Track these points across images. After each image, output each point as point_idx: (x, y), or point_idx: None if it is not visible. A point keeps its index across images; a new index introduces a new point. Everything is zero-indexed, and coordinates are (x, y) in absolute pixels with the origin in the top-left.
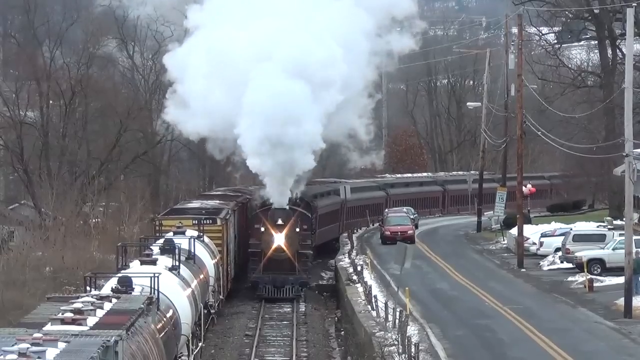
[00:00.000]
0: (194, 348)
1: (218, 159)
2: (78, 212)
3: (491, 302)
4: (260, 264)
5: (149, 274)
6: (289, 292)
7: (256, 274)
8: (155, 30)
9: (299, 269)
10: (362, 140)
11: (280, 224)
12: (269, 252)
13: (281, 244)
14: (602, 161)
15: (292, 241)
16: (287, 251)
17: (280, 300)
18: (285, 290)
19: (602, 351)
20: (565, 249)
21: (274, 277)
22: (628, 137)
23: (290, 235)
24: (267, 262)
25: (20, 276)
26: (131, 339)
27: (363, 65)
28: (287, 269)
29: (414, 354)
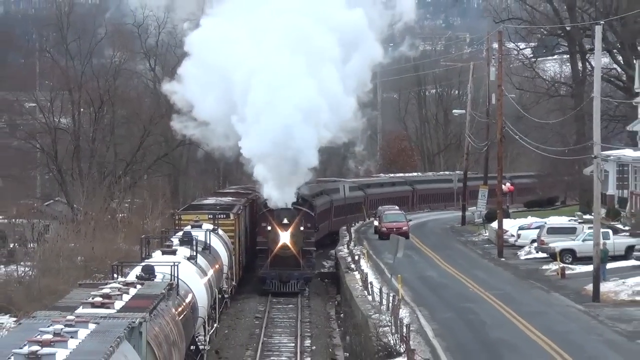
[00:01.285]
0: (210, 329)
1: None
2: (106, 207)
3: (474, 288)
4: (267, 261)
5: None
6: (294, 287)
7: (263, 270)
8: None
9: (304, 265)
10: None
11: (286, 223)
12: (275, 249)
13: (287, 242)
14: (573, 162)
15: (296, 239)
16: (292, 248)
17: (286, 294)
18: (290, 285)
19: (574, 331)
20: (540, 240)
21: (280, 273)
22: (596, 141)
23: (295, 233)
24: (274, 258)
25: (54, 265)
26: (154, 320)
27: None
28: (292, 265)
29: (405, 334)
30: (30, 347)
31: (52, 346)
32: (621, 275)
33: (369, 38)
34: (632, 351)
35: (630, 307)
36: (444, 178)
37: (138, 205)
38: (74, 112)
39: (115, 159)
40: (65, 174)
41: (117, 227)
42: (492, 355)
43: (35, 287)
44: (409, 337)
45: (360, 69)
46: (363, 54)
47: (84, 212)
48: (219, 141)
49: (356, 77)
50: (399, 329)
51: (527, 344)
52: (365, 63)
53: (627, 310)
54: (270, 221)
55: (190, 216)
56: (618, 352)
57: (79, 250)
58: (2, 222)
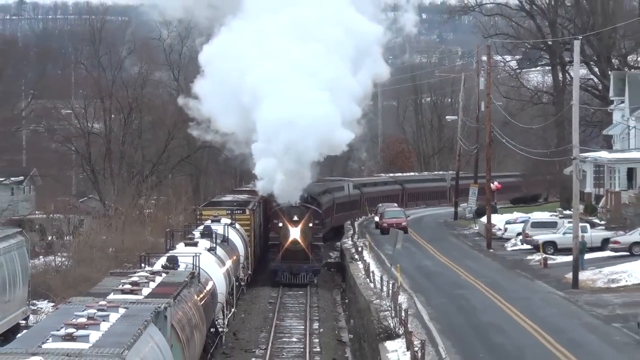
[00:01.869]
0: (228, 313)
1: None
2: (134, 204)
3: (466, 276)
4: (279, 254)
5: (192, 254)
6: (304, 279)
7: (275, 263)
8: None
9: (312, 259)
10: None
11: (296, 219)
12: (286, 244)
13: (297, 237)
14: (555, 163)
15: (306, 235)
16: (301, 243)
17: (296, 285)
18: (300, 277)
19: (555, 315)
20: (525, 233)
21: (290, 266)
22: (575, 144)
23: (304, 229)
24: (285, 252)
25: (88, 255)
26: (177, 305)
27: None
28: (301, 259)
29: (403, 317)
30: (66, 330)
31: (86, 328)
32: (598, 265)
33: (377, 54)
34: (608, 333)
35: (606, 294)
36: (431, 178)
37: (163, 202)
38: (105, 118)
39: (142, 160)
40: (98, 173)
41: (144, 222)
42: (481, 337)
43: (71, 275)
44: (407, 321)
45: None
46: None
47: (115, 208)
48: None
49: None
50: (398, 313)
51: (513, 326)
52: (370, 77)
53: (603, 296)
54: (281, 218)
55: (210, 212)
56: (595, 334)
57: (110, 242)
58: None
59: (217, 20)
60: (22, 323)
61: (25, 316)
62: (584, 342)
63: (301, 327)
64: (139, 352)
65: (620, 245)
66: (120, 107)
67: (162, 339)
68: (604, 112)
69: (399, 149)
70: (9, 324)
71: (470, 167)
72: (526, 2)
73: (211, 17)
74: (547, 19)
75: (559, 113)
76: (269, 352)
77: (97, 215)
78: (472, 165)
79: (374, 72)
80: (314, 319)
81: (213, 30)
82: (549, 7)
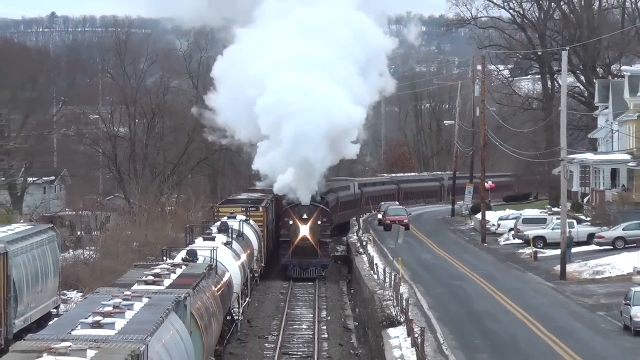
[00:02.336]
0: (243, 302)
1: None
2: (157, 201)
3: (462, 269)
4: (289, 250)
5: (210, 248)
6: (313, 273)
7: (286, 259)
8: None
9: (321, 254)
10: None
11: (305, 217)
12: (296, 241)
13: (306, 234)
14: (544, 164)
15: (314, 232)
16: (311, 240)
17: (306, 279)
18: (309, 271)
19: (544, 304)
20: (517, 229)
21: (300, 261)
22: (563, 147)
23: (313, 227)
24: (295, 248)
25: (114, 249)
26: (196, 295)
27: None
28: (311, 254)
29: (404, 306)
30: (94, 318)
31: (112, 317)
32: (584, 258)
33: (384, 66)
34: (593, 321)
35: (591, 285)
36: (425, 178)
37: (183, 199)
38: (130, 122)
39: (164, 162)
40: (123, 174)
41: (165, 218)
42: (476, 324)
43: (98, 267)
44: (407, 309)
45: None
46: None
47: (139, 206)
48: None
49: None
50: (400, 302)
51: (506, 315)
52: (376, 88)
53: (588, 287)
54: (291, 216)
55: (227, 209)
56: (581, 322)
57: (134, 237)
58: (71, 214)
59: (230, 31)
60: (54, 311)
61: (56, 305)
62: (571, 329)
63: (310, 315)
64: (161, 338)
65: (604, 240)
66: (143, 112)
67: (182, 326)
68: (589, 117)
69: (401, 151)
70: (41, 312)
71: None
72: (518, 15)
73: (224, 26)
74: (537, 31)
75: (547, 118)
76: (281, 338)
77: (122, 212)
78: (468, 166)
79: (380, 86)
80: (322, 308)
81: (227, 42)
82: (538, 20)
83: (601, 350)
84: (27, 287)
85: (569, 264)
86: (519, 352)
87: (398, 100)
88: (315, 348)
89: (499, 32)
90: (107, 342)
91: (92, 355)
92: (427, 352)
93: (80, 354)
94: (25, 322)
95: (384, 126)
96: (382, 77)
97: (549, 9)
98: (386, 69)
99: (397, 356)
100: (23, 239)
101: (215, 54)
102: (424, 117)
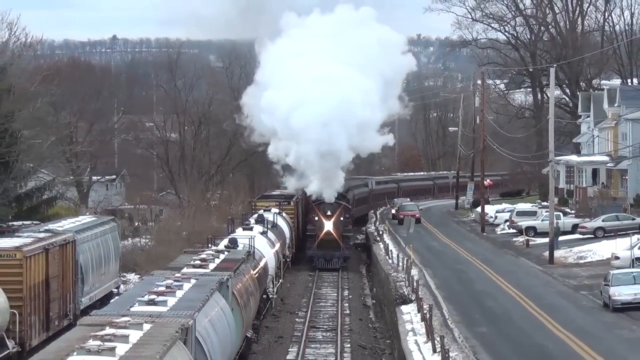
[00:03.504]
0: (276, 283)
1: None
2: (203, 197)
3: (464, 254)
4: (315, 243)
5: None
6: (336, 264)
7: (312, 251)
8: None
9: (343, 247)
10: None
11: (329, 214)
12: (321, 235)
13: (330, 229)
14: (535, 165)
15: (337, 227)
16: (334, 234)
17: (329, 270)
18: (333, 262)
19: (535, 285)
20: (511, 220)
21: (324, 253)
22: (551, 150)
23: (336, 222)
24: (320, 242)
25: (166, 237)
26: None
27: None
28: (334, 247)
29: (415, 286)
30: (149, 296)
31: (165, 295)
32: (569, 245)
33: (399, 88)
34: (577, 299)
35: (575, 268)
36: (421, 177)
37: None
38: (180, 129)
39: (209, 163)
40: (174, 173)
41: (210, 211)
42: (476, 301)
43: (153, 253)
44: (418, 289)
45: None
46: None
47: (187, 200)
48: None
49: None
50: (411, 283)
51: (502, 293)
52: (391, 109)
53: (573, 270)
54: (317, 212)
55: (263, 203)
56: (567, 300)
57: (183, 227)
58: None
59: (261, 44)
60: (115, 291)
61: (117, 285)
62: (558, 306)
63: (334, 294)
64: (207, 314)
65: (586, 230)
66: (191, 120)
67: (224, 303)
68: (573, 124)
69: (412, 154)
70: (105, 291)
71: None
72: (512, 37)
73: (254, 39)
74: (529, 51)
75: (538, 125)
76: (309, 314)
77: (173, 206)
78: (469, 166)
79: (396, 110)
80: (344, 288)
81: (259, 56)
82: (530, 41)
83: (583, 324)
84: (92, 270)
85: (556, 250)
86: (513, 325)
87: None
88: (338, 322)
89: (496, 51)
90: (160, 317)
91: (147, 329)
92: (435, 326)
93: (137, 327)
94: (91, 300)
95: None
96: (398, 101)
97: (539, 32)
98: (402, 93)
99: (409, 329)
100: (89, 229)
101: (251, 69)
102: (432, 124)
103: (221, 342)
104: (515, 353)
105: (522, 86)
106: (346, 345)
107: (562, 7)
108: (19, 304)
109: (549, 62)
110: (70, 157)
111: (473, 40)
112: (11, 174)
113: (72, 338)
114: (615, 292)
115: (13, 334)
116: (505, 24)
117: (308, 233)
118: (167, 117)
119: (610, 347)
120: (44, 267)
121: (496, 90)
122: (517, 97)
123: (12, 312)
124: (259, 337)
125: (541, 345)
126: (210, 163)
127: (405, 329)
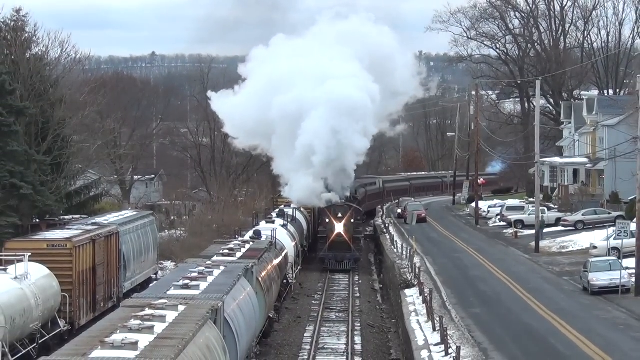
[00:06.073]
0: (295, 269)
1: None
2: (231, 194)
3: (460, 244)
4: (326, 245)
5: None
6: (347, 265)
7: (323, 252)
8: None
9: (353, 249)
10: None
11: (340, 216)
12: (332, 237)
13: (341, 231)
14: (522, 166)
15: (348, 229)
16: (345, 236)
17: (340, 271)
18: (344, 264)
19: (523, 271)
20: (502, 214)
21: (335, 254)
22: (537, 152)
23: (347, 225)
24: (331, 244)
25: (199, 229)
26: (261, 265)
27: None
28: (345, 249)
29: (417, 273)
30: (183, 281)
31: (197, 280)
32: (553, 236)
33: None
34: (559, 284)
35: (558, 257)
36: (431, 176)
37: (250, 192)
38: (211, 134)
39: (236, 164)
40: (206, 173)
41: (237, 206)
42: (471, 285)
43: (187, 243)
44: (419, 275)
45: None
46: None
47: (217, 197)
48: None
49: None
50: (413, 269)
51: (493, 279)
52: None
53: (556, 258)
54: (328, 215)
55: (284, 199)
56: (550, 284)
57: (214, 220)
58: (167, 203)
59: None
60: (153, 277)
61: (155, 272)
62: (543, 290)
63: (346, 280)
64: (234, 297)
65: (568, 223)
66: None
67: (250, 288)
68: (556, 130)
69: (414, 156)
70: (145, 277)
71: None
72: (502, 54)
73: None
74: (518, 65)
75: (525, 131)
76: (324, 297)
77: (205, 202)
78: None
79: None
80: (355, 274)
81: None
82: (518, 57)
83: (565, 305)
84: (134, 258)
85: (541, 241)
86: (503, 306)
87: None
88: (350, 304)
89: (489, 66)
90: (193, 299)
91: (182, 310)
92: (435, 307)
93: (173, 308)
94: (132, 285)
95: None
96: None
97: (526, 49)
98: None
99: (412, 310)
100: (130, 222)
101: None
102: (432, 130)
103: (247, 321)
104: (505, 330)
105: (512, 96)
106: (357, 324)
107: (547, 27)
108: (69, 288)
109: (535, 76)
110: (115, 159)
111: (468, 56)
112: (62, 174)
113: (115, 318)
114: (594, 277)
115: (64, 315)
116: (496, 41)
117: (319, 235)
118: (199, 124)
119: (589, 325)
120: (91, 255)
121: (489, 100)
122: (507, 106)
123: (63, 295)
124: (280, 317)
125: (527, 324)
126: (237, 164)
127: (409, 310)
